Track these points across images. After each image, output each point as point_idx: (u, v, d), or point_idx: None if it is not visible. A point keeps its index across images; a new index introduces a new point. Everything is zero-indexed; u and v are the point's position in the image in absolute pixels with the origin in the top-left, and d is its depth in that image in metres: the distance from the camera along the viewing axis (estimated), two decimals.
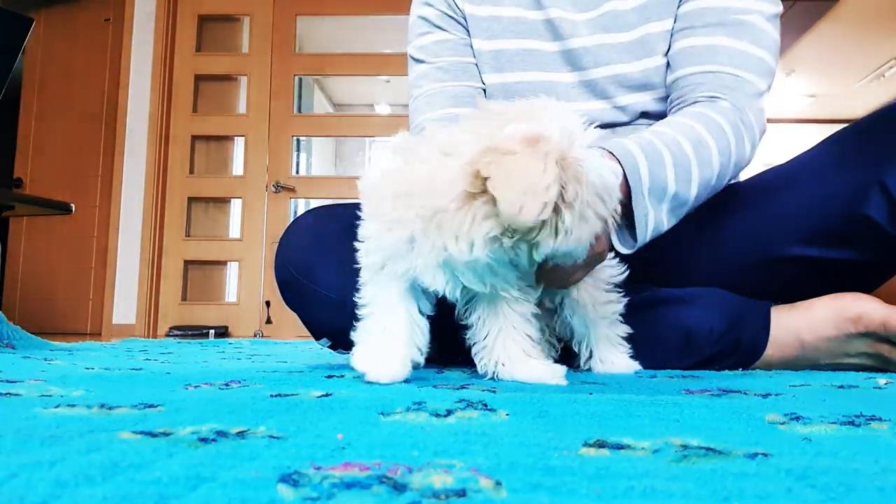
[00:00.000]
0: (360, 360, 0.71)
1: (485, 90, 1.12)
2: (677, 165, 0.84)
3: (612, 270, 0.86)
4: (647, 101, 1.03)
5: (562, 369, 0.73)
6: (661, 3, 1.03)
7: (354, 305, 0.73)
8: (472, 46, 1.12)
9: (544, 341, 0.87)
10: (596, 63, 1.04)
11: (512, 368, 0.73)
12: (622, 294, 0.86)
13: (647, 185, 0.82)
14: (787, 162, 0.99)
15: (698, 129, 0.88)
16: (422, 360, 0.72)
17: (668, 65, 1.02)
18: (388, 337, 0.70)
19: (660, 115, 1.03)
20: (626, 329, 0.87)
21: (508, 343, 0.73)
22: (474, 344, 0.76)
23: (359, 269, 0.73)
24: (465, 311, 0.76)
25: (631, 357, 0.87)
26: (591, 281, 0.82)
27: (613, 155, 0.81)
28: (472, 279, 0.68)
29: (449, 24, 1.12)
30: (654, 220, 0.83)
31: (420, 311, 0.72)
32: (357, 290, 0.73)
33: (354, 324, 0.73)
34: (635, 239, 0.83)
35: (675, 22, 1.01)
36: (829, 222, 0.89)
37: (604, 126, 1.04)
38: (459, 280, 0.68)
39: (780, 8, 1.01)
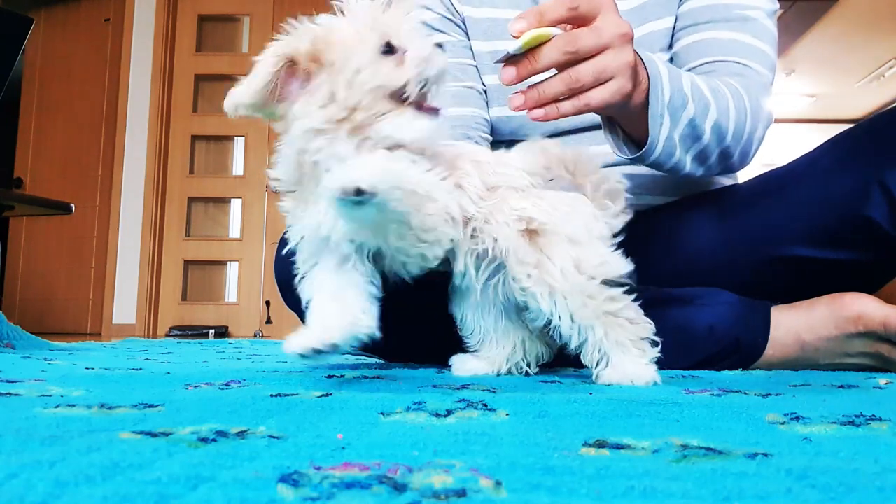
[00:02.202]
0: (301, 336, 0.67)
1: (485, 91, 1.12)
2: (695, 95, 0.83)
3: (600, 257, 0.72)
4: None
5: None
6: (660, 3, 1.03)
7: None
8: (471, 49, 1.12)
9: (534, 339, 0.84)
10: None
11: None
12: (627, 289, 0.73)
13: (667, 93, 0.79)
14: (788, 163, 0.99)
15: (716, 83, 0.88)
16: (362, 334, 0.67)
17: (671, 61, 1.02)
18: (317, 312, 0.68)
19: None
20: (645, 330, 0.73)
21: None
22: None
23: None
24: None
25: (655, 362, 0.73)
26: (571, 265, 0.70)
27: (639, 55, 0.76)
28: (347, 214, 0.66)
29: (448, 26, 1.12)
30: (668, 129, 0.80)
31: (366, 291, 0.70)
32: None
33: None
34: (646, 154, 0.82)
35: (676, 20, 1.02)
36: (829, 223, 0.89)
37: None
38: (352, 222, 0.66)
39: (777, 6, 1.02)
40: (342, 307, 0.67)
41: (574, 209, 0.73)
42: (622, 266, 0.72)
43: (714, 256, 0.97)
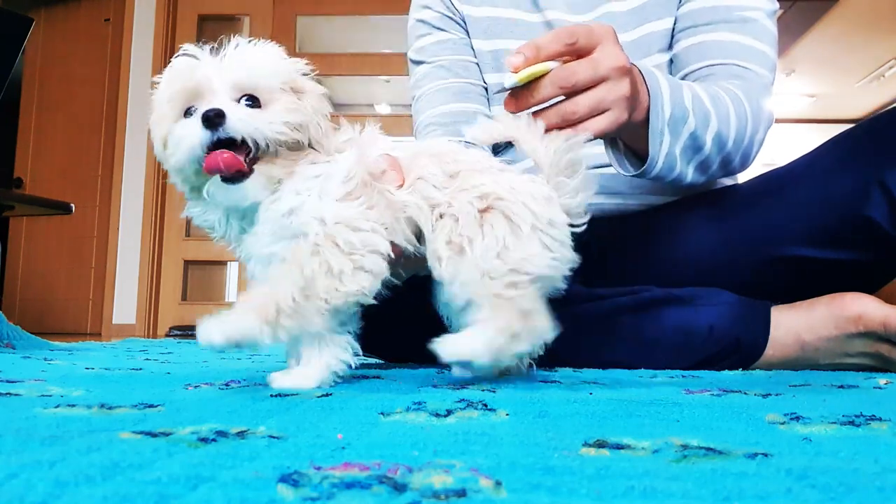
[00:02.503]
0: (276, 378, 0.68)
1: (486, 88, 1.12)
2: (696, 108, 0.83)
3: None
4: None
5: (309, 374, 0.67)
6: (659, 4, 1.03)
7: None
8: (472, 46, 1.12)
9: None
10: None
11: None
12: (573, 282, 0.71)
13: (668, 109, 0.79)
14: (788, 163, 0.99)
15: (715, 90, 0.88)
16: (340, 366, 0.69)
17: (670, 62, 1.02)
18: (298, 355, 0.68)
19: None
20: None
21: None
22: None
23: None
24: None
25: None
26: (495, 249, 0.66)
27: (638, 70, 0.77)
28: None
29: (448, 24, 1.13)
30: (668, 144, 0.81)
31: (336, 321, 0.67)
32: None
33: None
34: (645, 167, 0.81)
35: (676, 22, 1.02)
36: (830, 223, 0.89)
37: None
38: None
39: (777, 6, 1.02)
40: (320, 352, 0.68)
41: (528, 192, 0.68)
42: (546, 265, 0.67)
43: (714, 256, 0.97)
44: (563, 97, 0.70)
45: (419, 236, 0.70)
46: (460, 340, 0.64)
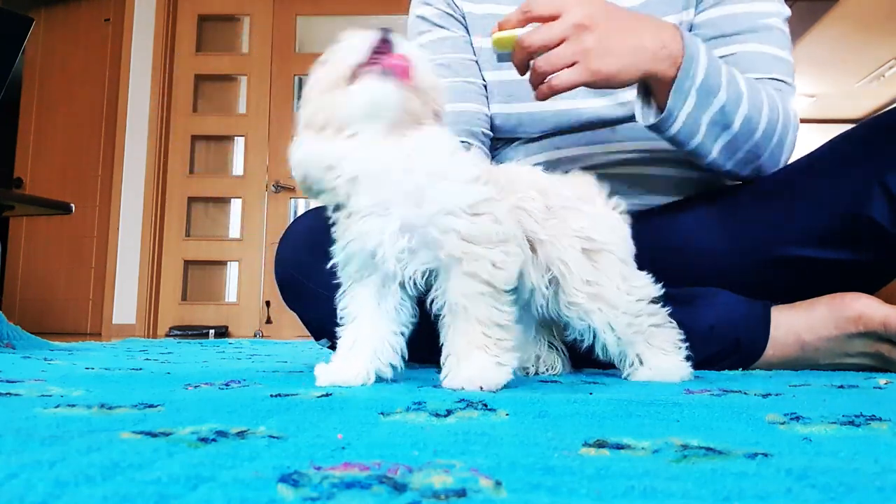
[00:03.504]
0: (321, 372, 0.69)
1: (486, 87, 1.12)
2: (731, 85, 0.88)
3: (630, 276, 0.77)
4: None
5: (504, 372, 0.64)
6: (663, 1, 1.03)
7: None
8: (472, 44, 1.12)
9: (544, 345, 0.86)
10: None
11: (452, 364, 0.65)
12: (656, 300, 0.78)
13: (700, 74, 0.85)
14: (789, 164, 0.99)
15: (754, 81, 0.93)
16: (389, 373, 0.69)
17: None
18: (354, 351, 0.69)
19: None
20: (676, 334, 0.78)
21: (452, 334, 0.65)
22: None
23: None
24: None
25: (686, 359, 0.78)
26: (622, 286, 0.75)
27: (679, 31, 0.85)
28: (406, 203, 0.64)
29: (448, 22, 1.13)
30: (692, 107, 0.86)
31: (397, 323, 0.69)
32: None
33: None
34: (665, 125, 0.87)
35: (693, 27, 1.03)
36: (830, 223, 0.89)
37: (606, 123, 1.05)
38: (403, 230, 0.64)
39: (789, 11, 1.06)
40: (370, 350, 0.69)
41: (621, 229, 0.79)
42: (655, 287, 0.78)
43: (714, 256, 0.97)
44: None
45: None
46: (669, 374, 0.76)
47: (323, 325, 0.99)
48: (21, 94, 4.11)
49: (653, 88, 0.88)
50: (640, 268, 0.79)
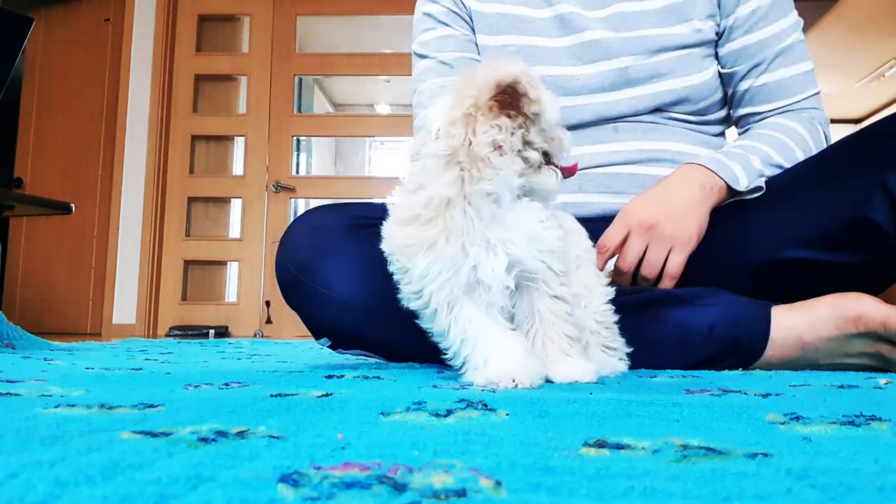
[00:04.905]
0: (493, 373, 0.68)
1: None
2: (765, 164, 1.00)
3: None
4: (659, 91, 1.04)
5: (593, 367, 0.73)
6: (671, 12, 1.06)
7: (354, 304, 0.72)
8: (476, 43, 1.13)
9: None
10: (607, 56, 1.05)
11: (549, 368, 0.72)
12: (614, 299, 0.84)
13: (745, 181, 0.97)
14: (791, 166, 0.99)
15: (781, 139, 1.02)
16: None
17: (732, 96, 1.11)
18: (511, 352, 0.70)
19: (672, 106, 1.05)
20: (572, 330, 0.75)
21: (546, 342, 0.73)
22: None
23: (358, 268, 0.73)
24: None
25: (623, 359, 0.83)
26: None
27: (706, 166, 0.97)
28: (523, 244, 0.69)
29: (454, 20, 1.13)
30: (748, 187, 0.96)
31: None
32: (357, 289, 0.73)
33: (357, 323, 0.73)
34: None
35: (730, 57, 1.08)
36: (832, 225, 0.89)
37: (615, 119, 1.06)
38: (507, 257, 0.69)
39: (801, 21, 1.10)
40: (525, 351, 0.71)
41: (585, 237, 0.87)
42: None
43: (715, 257, 0.97)
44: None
45: None
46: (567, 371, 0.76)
47: (324, 325, 0.99)
48: (21, 94, 4.11)
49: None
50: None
